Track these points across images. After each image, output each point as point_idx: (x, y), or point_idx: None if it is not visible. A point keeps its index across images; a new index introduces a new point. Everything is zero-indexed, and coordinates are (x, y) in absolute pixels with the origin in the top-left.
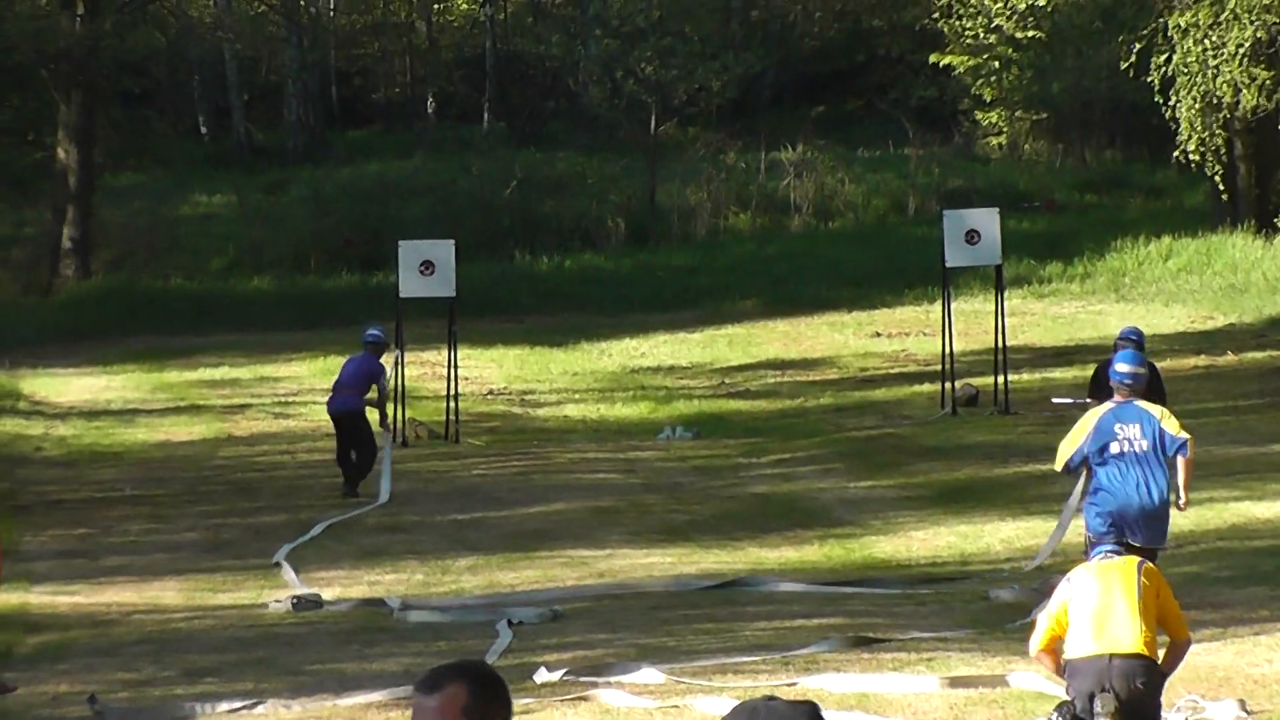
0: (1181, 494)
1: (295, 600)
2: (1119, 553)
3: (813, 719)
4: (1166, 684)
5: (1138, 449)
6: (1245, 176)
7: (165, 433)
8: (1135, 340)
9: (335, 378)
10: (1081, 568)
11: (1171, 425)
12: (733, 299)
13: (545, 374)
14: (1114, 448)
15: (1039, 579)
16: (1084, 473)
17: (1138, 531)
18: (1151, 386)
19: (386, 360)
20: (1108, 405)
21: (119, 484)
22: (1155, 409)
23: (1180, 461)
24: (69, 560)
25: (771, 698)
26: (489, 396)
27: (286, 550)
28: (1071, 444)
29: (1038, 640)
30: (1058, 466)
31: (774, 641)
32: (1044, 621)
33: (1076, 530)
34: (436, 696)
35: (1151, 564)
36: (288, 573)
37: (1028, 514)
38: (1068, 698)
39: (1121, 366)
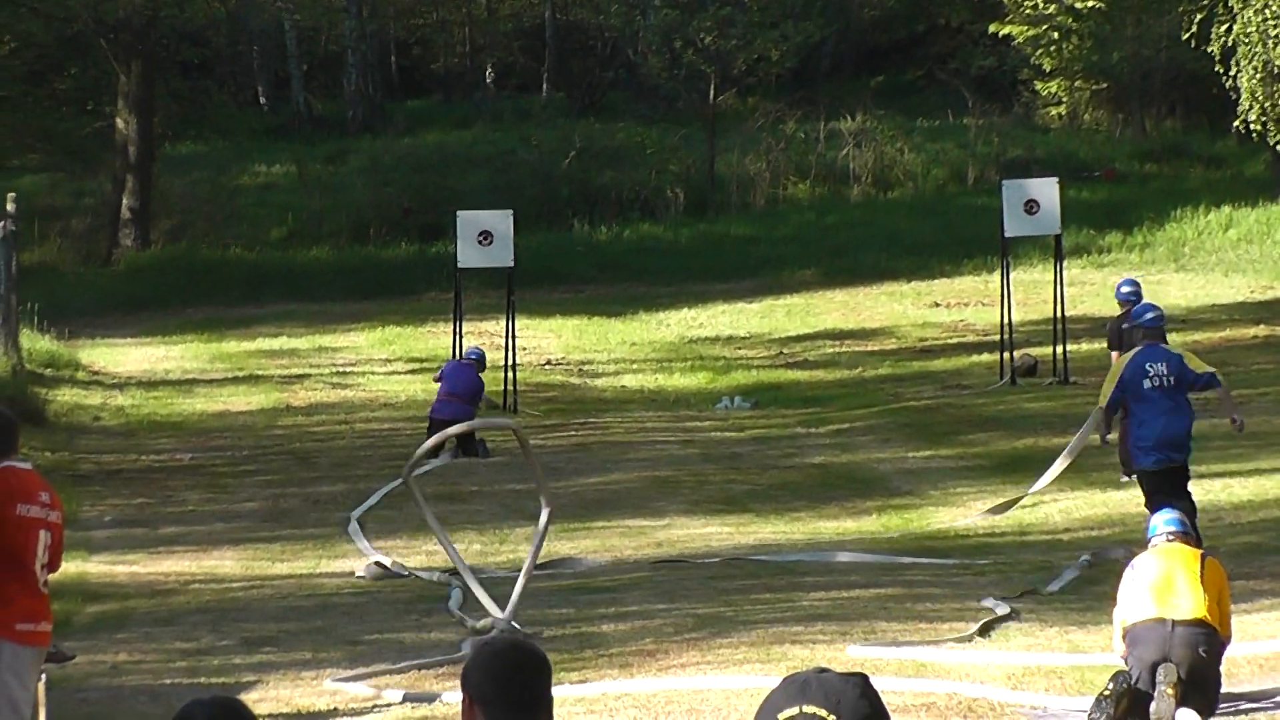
0: (1235, 416)
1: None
2: (1182, 535)
3: (865, 691)
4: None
5: (1166, 384)
6: None
7: (224, 402)
8: (1137, 289)
9: (435, 379)
10: (1143, 552)
11: (1195, 364)
12: (791, 269)
13: (603, 344)
14: (1147, 384)
15: (1093, 549)
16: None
17: (1171, 452)
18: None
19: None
20: (1136, 349)
21: (177, 453)
22: (1178, 349)
23: (1218, 392)
24: (127, 529)
25: (823, 669)
26: (547, 367)
27: (359, 513)
28: (1110, 384)
29: (1117, 637)
30: (1101, 403)
31: (831, 612)
32: (1119, 613)
33: (1137, 502)
34: None
35: (1215, 560)
36: (359, 540)
37: (1087, 484)
38: (1125, 667)
39: (1150, 314)
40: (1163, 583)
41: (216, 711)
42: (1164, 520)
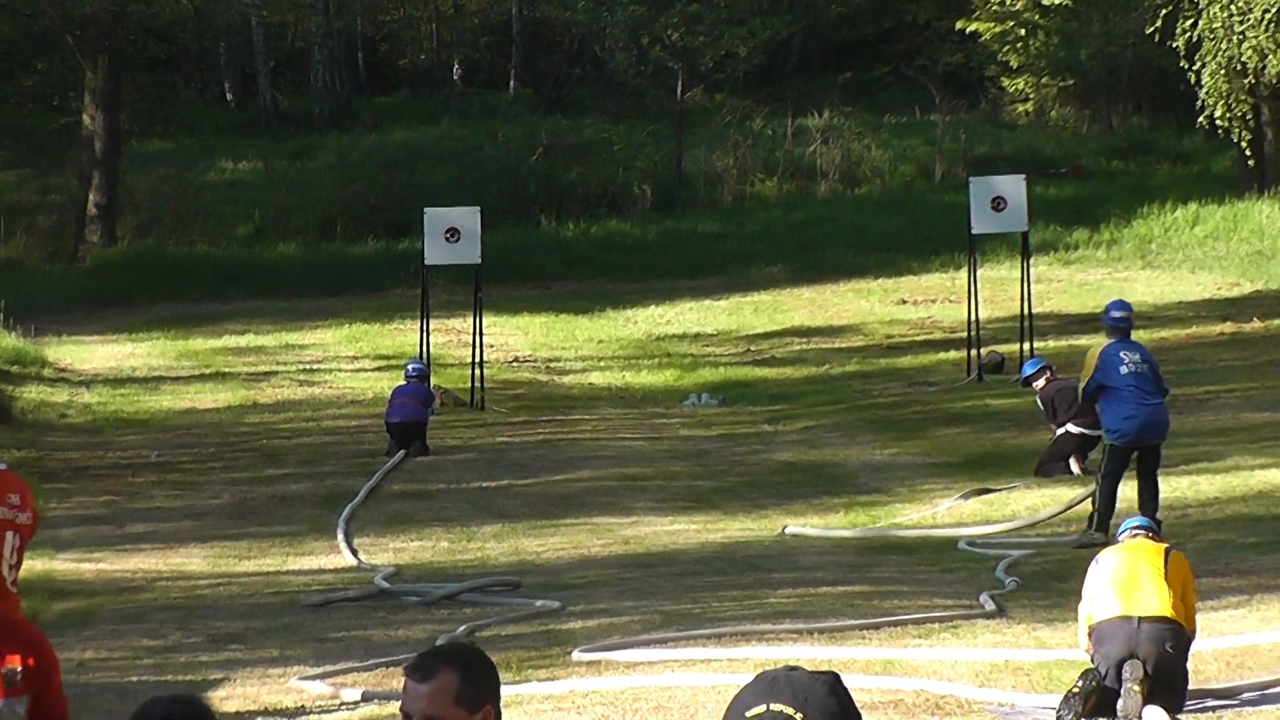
0: None
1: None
2: (1147, 532)
3: (834, 689)
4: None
5: (1140, 369)
6: (1272, 142)
7: (190, 400)
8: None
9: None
10: (1108, 549)
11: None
12: (759, 266)
13: (571, 341)
14: (1123, 368)
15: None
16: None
17: (1147, 431)
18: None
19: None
20: (1107, 341)
21: (144, 451)
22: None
23: None
24: (94, 527)
25: (793, 667)
26: (514, 364)
27: (346, 514)
28: (1085, 375)
29: (1082, 633)
30: (1079, 392)
31: (799, 609)
32: (1084, 609)
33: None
34: (428, 684)
35: (1180, 553)
36: (343, 547)
37: (1053, 481)
38: (1092, 665)
39: (1117, 312)
40: (1127, 579)
41: (176, 708)
42: (1132, 522)
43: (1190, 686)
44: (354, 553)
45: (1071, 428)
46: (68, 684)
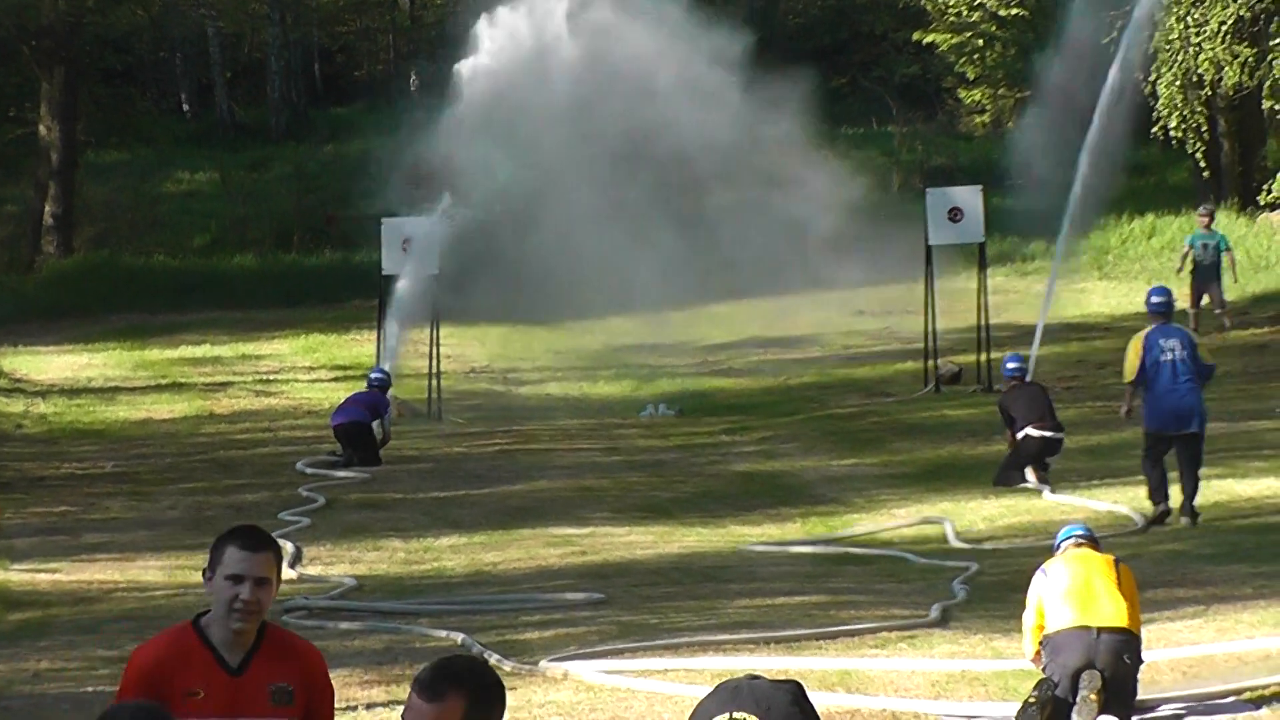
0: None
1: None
2: (1088, 541)
3: (796, 698)
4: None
5: (1175, 356)
6: (1228, 154)
7: (147, 410)
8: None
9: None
10: (1054, 559)
11: (1203, 352)
12: (716, 276)
13: (528, 352)
14: (1162, 356)
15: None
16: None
17: (1175, 420)
18: (1035, 399)
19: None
20: (1149, 328)
21: (100, 461)
22: (1187, 330)
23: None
24: (50, 537)
25: (755, 676)
26: (472, 374)
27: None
28: (1129, 364)
29: (1029, 643)
30: (1126, 379)
31: (756, 619)
32: (1030, 620)
33: (1061, 511)
34: (435, 705)
35: (1126, 565)
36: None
37: (1010, 491)
38: (1045, 674)
39: (1156, 297)
40: (1082, 589)
41: (141, 716)
42: (1074, 531)
43: (1142, 695)
44: (292, 565)
45: (1031, 431)
46: (22, 695)
